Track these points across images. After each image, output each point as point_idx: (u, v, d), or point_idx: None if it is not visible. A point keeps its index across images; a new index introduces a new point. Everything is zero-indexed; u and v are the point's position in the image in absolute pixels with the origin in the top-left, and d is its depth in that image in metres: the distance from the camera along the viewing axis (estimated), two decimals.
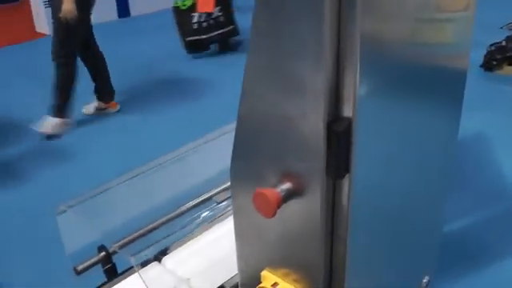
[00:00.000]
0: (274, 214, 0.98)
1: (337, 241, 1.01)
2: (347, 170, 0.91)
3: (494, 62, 4.53)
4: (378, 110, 0.93)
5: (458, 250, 2.58)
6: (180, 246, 1.60)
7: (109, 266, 1.58)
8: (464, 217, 2.88)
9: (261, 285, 1.12)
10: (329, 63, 0.84)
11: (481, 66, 4.67)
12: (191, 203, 1.60)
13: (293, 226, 1.03)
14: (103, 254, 1.57)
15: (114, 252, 1.57)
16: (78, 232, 1.53)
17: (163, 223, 1.61)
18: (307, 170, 0.94)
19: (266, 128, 0.97)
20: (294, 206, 0.99)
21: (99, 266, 1.58)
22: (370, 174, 0.97)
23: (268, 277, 1.12)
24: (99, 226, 1.56)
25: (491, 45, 4.64)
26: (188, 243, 1.60)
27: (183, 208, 1.61)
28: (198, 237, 1.59)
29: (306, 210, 0.98)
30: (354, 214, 0.97)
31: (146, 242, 1.60)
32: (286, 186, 0.98)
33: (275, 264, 1.11)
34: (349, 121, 0.88)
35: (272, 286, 1.10)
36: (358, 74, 0.84)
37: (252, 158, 1.03)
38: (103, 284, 1.54)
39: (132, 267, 1.57)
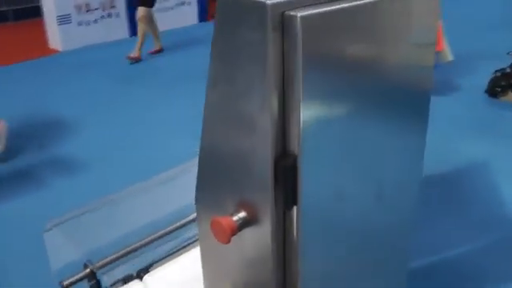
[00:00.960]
0: (228, 241, 1.05)
1: (289, 268, 1.07)
2: (294, 202, 0.98)
3: (499, 89, 4.55)
4: (324, 144, 1.00)
5: (455, 275, 2.60)
6: (160, 265, 1.67)
7: (93, 282, 1.65)
8: (462, 243, 2.89)
9: None
10: (274, 104, 0.92)
11: (485, 92, 4.69)
12: (172, 226, 1.68)
13: (248, 252, 1.10)
14: (88, 270, 1.65)
15: (99, 268, 1.65)
16: (64, 249, 1.61)
17: (146, 244, 1.69)
18: (259, 201, 1.01)
19: (223, 161, 1.05)
20: (248, 233, 1.06)
21: (84, 281, 1.66)
22: (319, 205, 1.04)
23: None
24: (84, 243, 1.65)
25: (496, 71, 4.66)
26: (168, 263, 1.67)
27: (164, 231, 1.69)
28: (178, 258, 1.66)
29: (258, 238, 1.05)
30: (304, 242, 1.04)
31: (129, 260, 1.68)
32: (242, 214, 1.06)
33: (236, 286, 1.18)
34: (294, 157, 0.95)
35: None
36: (301, 113, 0.92)
37: (212, 188, 1.11)
38: None
39: (115, 284, 1.64)
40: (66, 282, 1.61)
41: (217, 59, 0.95)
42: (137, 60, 6.10)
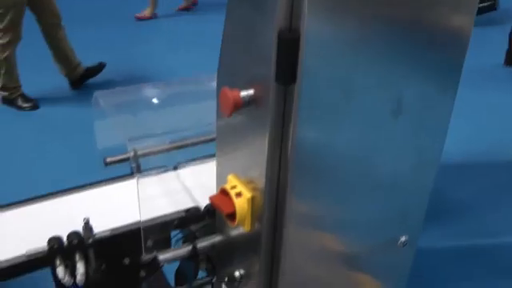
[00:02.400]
0: (230, 113, 1.09)
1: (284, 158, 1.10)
2: (294, 78, 1.00)
3: None
4: (328, 25, 0.99)
5: None
6: (197, 162, 1.76)
7: (135, 165, 1.77)
8: None
9: (223, 186, 1.23)
10: None
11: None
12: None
13: (248, 133, 1.13)
14: (132, 153, 1.76)
15: (142, 155, 1.76)
16: (111, 130, 1.73)
17: (187, 144, 1.77)
18: (263, 78, 1.04)
19: (239, 38, 1.09)
20: (251, 112, 1.09)
21: (126, 163, 1.78)
22: (319, 90, 1.04)
23: (231, 180, 1.23)
24: (132, 129, 1.76)
25: None
26: (203, 161, 1.76)
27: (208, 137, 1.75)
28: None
29: (259, 117, 1.08)
30: (301, 123, 1.05)
31: (170, 155, 1.78)
32: (250, 92, 1.09)
33: (239, 170, 1.22)
34: (298, 32, 0.96)
35: (231, 188, 1.21)
36: None
37: (231, 66, 1.15)
38: (126, 175, 1.74)
39: (153, 170, 1.75)
40: (109, 159, 1.74)
41: None
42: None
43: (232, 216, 1.21)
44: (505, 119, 4.11)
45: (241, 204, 1.19)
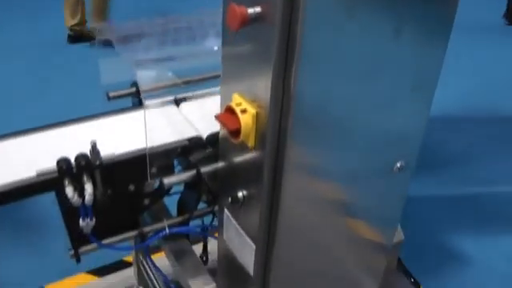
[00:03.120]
0: (237, 28, 1.13)
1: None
2: None
3: None
4: None
5: None
6: (199, 97, 1.80)
7: (137, 99, 1.81)
8: None
9: (228, 103, 1.28)
10: None
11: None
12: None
13: (253, 52, 1.18)
14: (135, 89, 1.80)
15: (145, 91, 1.80)
16: (116, 65, 1.75)
17: (190, 81, 1.81)
18: None
19: None
20: (257, 30, 1.13)
21: (129, 98, 1.82)
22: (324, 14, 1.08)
23: (236, 98, 1.28)
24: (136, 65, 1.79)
25: None
26: (206, 98, 1.80)
27: (212, 73, 1.79)
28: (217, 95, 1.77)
29: (265, 35, 1.12)
30: (307, 42, 1.09)
31: (173, 91, 1.82)
32: (256, 9, 1.13)
33: (243, 89, 1.27)
34: None
35: (236, 105, 1.26)
36: None
37: None
38: (129, 108, 1.78)
39: (157, 102, 1.79)
40: (112, 94, 1.77)
41: None
42: None
43: (237, 132, 1.26)
44: (503, 74, 4.16)
45: (246, 120, 1.23)
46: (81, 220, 1.46)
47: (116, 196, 1.54)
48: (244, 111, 1.24)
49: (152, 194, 1.62)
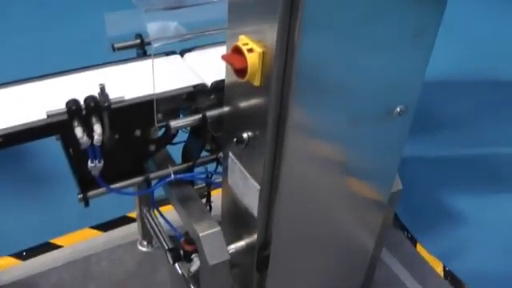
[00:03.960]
0: None
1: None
2: None
3: None
4: None
5: None
6: (202, 49, 1.83)
7: (141, 51, 1.84)
8: None
9: (235, 43, 1.31)
10: None
11: None
12: None
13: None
14: (139, 40, 1.83)
15: (149, 42, 1.82)
16: (121, 19, 1.77)
17: (197, 33, 1.83)
18: None
19: None
20: None
21: (133, 49, 1.85)
22: None
23: (243, 39, 1.31)
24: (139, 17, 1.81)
25: None
26: (210, 49, 1.82)
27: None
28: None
29: None
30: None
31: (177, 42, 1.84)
32: None
33: (250, 32, 1.30)
34: None
35: (243, 44, 1.29)
36: None
37: None
38: (134, 58, 1.80)
39: (158, 54, 1.82)
40: (117, 45, 1.80)
41: None
42: None
43: (243, 71, 1.29)
44: (506, 38, 4.14)
45: (252, 58, 1.27)
46: (89, 162, 1.50)
47: (123, 141, 1.57)
48: (251, 50, 1.27)
49: (157, 140, 1.66)
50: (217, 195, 1.90)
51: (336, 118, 1.42)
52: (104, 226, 2.54)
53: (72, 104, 1.43)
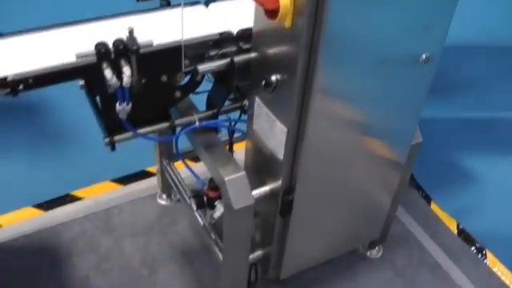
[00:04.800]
0: None
1: None
2: None
3: None
4: None
5: None
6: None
7: (165, 1, 1.84)
8: None
9: None
10: None
11: None
12: None
13: None
14: None
15: None
16: None
17: None
18: None
19: None
20: None
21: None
22: None
23: None
24: None
25: None
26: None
27: None
28: None
29: None
30: None
31: None
32: None
33: None
34: None
35: None
36: None
37: None
38: (157, 8, 1.81)
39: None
40: None
41: None
42: None
43: (275, 12, 1.30)
44: None
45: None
46: (117, 104, 1.52)
47: (149, 86, 1.59)
48: None
49: (183, 87, 1.68)
50: (237, 150, 1.93)
51: (364, 61, 1.44)
52: (124, 180, 2.58)
53: (101, 46, 1.44)
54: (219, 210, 1.74)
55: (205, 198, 1.78)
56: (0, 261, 2.19)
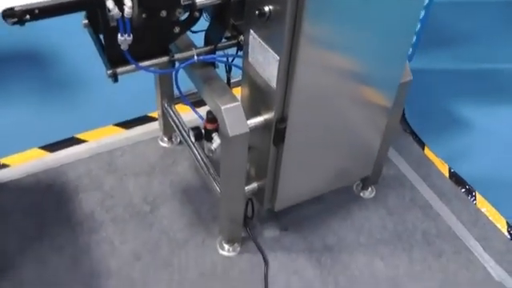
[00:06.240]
0: None
1: None
2: None
3: None
4: None
5: None
6: None
7: None
8: None
9: None
10: None
11: None
12: None
13: None
14: None
15: None
16: None
17: None
18: None
19: None
20: None
21: None
22: None
23: None
24: None
25: None
26: None
27: None
28: None
29: None
30: None
31: None
32: None
33: None
34: None
35: None
36: None
37: None
38: None
39: None
40: None
41: None
42: None
43: None
44: None
45: None
46: (119, 35, 1.59)
47: (149, 20, 1.66)
48: None
49: (182, 22, 1.75)
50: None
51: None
52: (127, 124, 2.67)
53: None
54: (216, 141, 1.82)
55: (203, 131, 1.87)
56: (8, 197, 2.29)
